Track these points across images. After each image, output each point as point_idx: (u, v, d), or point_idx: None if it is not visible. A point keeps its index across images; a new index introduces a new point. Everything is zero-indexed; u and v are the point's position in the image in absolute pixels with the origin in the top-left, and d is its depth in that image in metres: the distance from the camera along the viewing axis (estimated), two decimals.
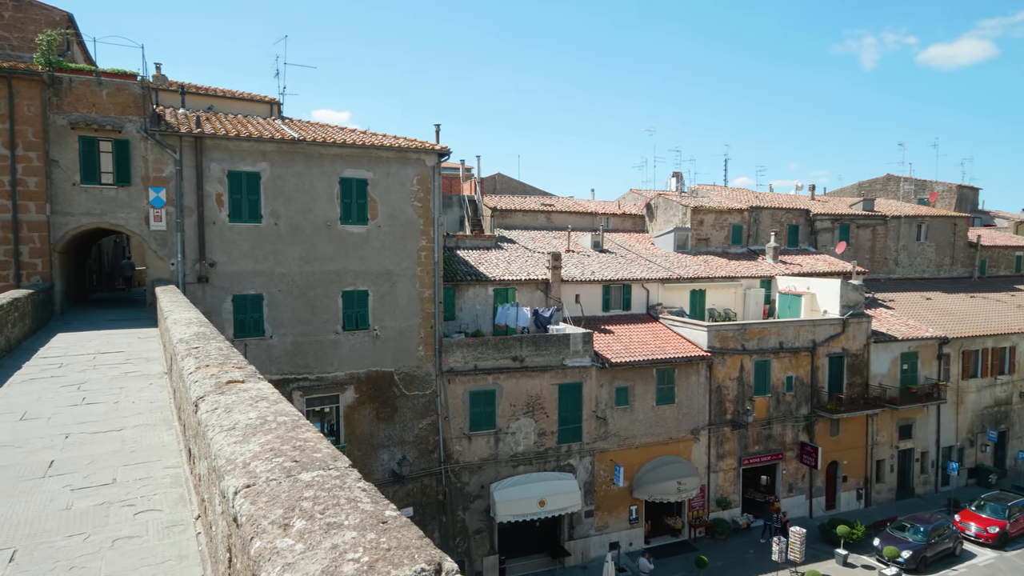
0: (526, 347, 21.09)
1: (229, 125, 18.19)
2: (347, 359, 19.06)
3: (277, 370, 18.08)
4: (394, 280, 19.50)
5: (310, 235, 18.39)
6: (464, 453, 20.73)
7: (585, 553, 22.44)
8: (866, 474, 27.84)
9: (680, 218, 31.71)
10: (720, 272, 28.56)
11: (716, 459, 24.67)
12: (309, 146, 18.02)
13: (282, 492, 1.74)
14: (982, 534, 23.95)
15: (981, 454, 30.93)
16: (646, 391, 23.10)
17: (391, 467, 19.77)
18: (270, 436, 2.32)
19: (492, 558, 21.19)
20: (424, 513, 20.18)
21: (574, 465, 22.11)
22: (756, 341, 24.96)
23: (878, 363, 27.52)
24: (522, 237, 28.90)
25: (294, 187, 18.12)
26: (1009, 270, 41.25)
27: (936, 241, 38.01)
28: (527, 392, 21.29)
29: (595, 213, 32.88)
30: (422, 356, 19.99)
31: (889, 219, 36.44)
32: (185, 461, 4.42)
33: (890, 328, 28.39)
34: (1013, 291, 37.49)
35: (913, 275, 37.20)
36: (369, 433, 19.48)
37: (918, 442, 28.95)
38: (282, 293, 18.18)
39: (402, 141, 19.56)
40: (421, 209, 19.69)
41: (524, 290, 23.87)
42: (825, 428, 26.54)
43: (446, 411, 20.42)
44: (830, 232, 34.91)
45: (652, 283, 26.55)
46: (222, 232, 17.47)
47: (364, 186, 18.90)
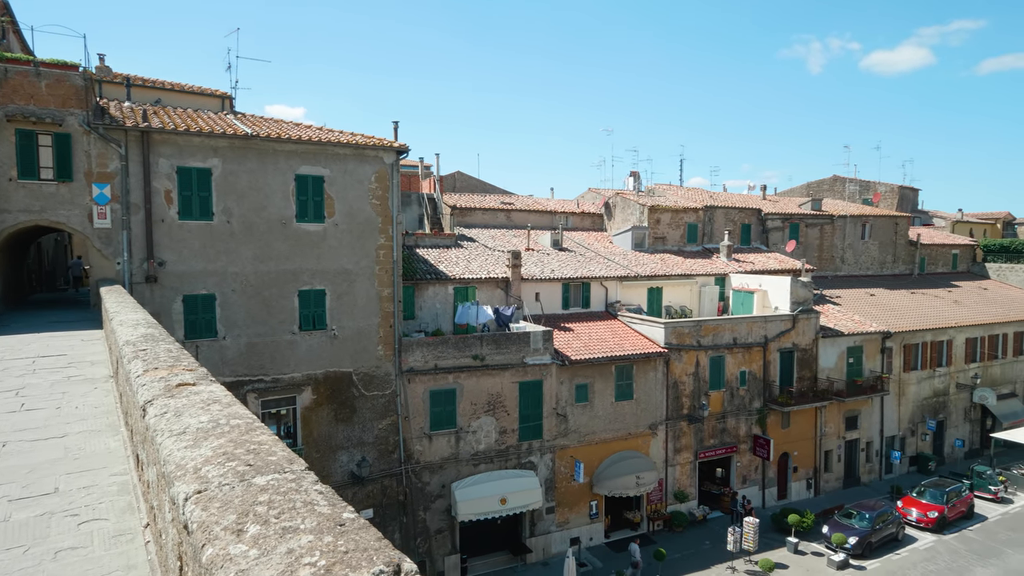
0: (487, 346, 21.09)
1: (178, 119, 17.59)
2: (304, 360, 18.69)
3: (231, 372, 17.60)
4: (352, 279, 19.21)
5: (265, 233, 17.95)
6: (425, 453, 20.61)
7: (546, 549, 22.60)
8: (815, 464, 28.88)
9: (637, 217, 32.21)
10: (676, 270, 29.14)
11: (673, 453, 25.18)
12: (263, 142, 17.58)
13: (235, 497, 1.70)
14: (922, 519, 25.14)
15: (921, 443, 32.45)
16: (605, 388, 23.40)
17: (350, 469, 19.50)
18: (223, 440, 2.27)
19: (453, 557, 21.13)
20: (384, 514, 19.97)
21: (535, 462, 22.23)
22: (711, 337, 25.57)
23: (826, 357, 28.57)
24: (482, 235, 28.87)
25: (247, 184, 17.65)
26: (946, 267, 43.38)
27: (879, 240, 39.66)
28: (488, 390, 21.30)
29: (554, 212, 33.10)
30: (381, 356, 19.77)
31: (836, 219, 37.84)
32: (133, 468, 4.26)
33: (837, 323, 29.50)
34: (950, 287, 39.44)
35: (858, 272, 38.74)
36: (327, 435, 19.16)
37: (863, 432, 30.17)
38: (236, 293, 17.70)
39: (359, 138, 19.27)
40: (379, 207, 19.45)
41: (484, 289, 23.86)
42: (777, 421, 27.40)
43: (406, 411, 20.24)
44: (781, 231, 36.02)
45: (611, 281, 26.90)
46: (171, 230, 16.89)
47: (320, 183, 18.56)
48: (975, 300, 37.42)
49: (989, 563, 22.56)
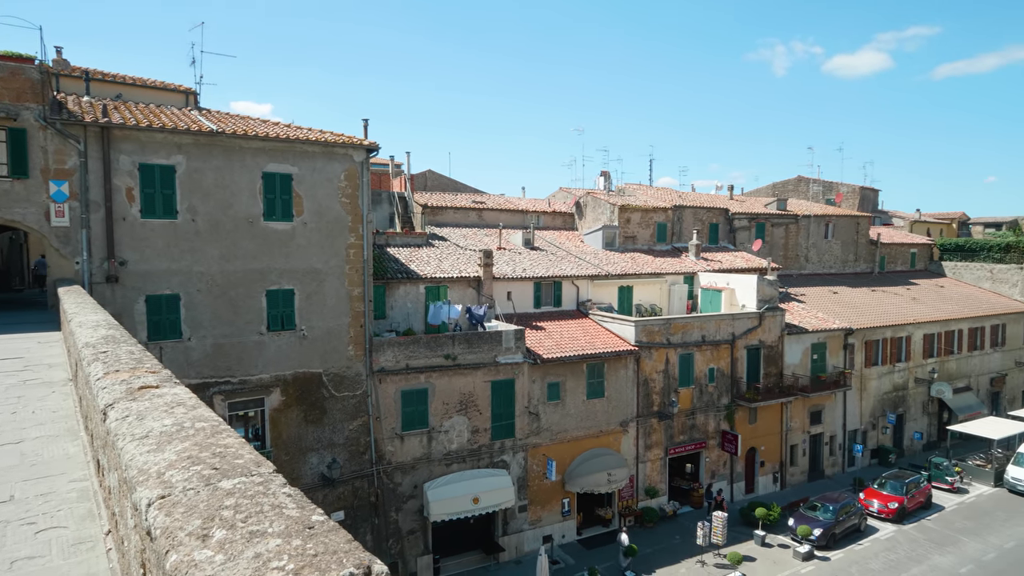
0: (459, 345, 21.03)
1: (140, 115, 17.13)
2: (272, 360, 18.38)
3: (196, 374, 17.21)
4: (322, 278, 18.96)
5: (231, 232, 17.59)
6: (396, 453, 20.46)
7: (519, 548, 22.66)
8: (781, 458, 29.53)
9: (608, 216, 32.48)
10: (646, 269, 29.47)
11: (644, 450, 25.48)
12: (229, 139, 17.22)
13: (200, 502, 1.67)
14: (883, 510, 25.91)
15: (882, 436, 33.45)
16: (577, 386, 23.55)
17: (320, 471, 19.25)
18: (187, 443, 2.22)
19: (426, 558, 21.04)
20: (356, 516, 19.77)
21: (507, 461, 22.26)
22: (680, 335, 25.94)
23: (791, 354, 29.23)
24: (453, 235, 28.78)
25: (213, 182, 17.27)
26: (905, 265, 44.77)
27: (842, 239, 40.73)
28: (460, 390, 21.25)
29: (526, 211, 33.17)
30: (352, 356, 19.56)
31: (800, 218, 38.73)
32: (93, 473, 4.14)
33: (801, 321, 30.20)
34: (908, 285, 40.73)
35: (822, 271, 39.72)
36: (297, 436, 18.88)
37: (827, 427, 30.97)
38: (201, 293, 17.31)
39: (329, 135, 19.02)
40: (349, 205, 19.24)
41: (456, 288, 23.79)
42: (744, 416, 27.94)
43: (377, 411, 20.07)
44: (747, 230, 36.72)
45: (582, 280, 27.07)
46: (133, 229, 16.44)
47: (289, 181, 18.26)
48: (932, 297, 38.71)
49: (946, 551, 23.37)
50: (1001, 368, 38.71)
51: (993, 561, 22.56)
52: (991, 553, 23.16)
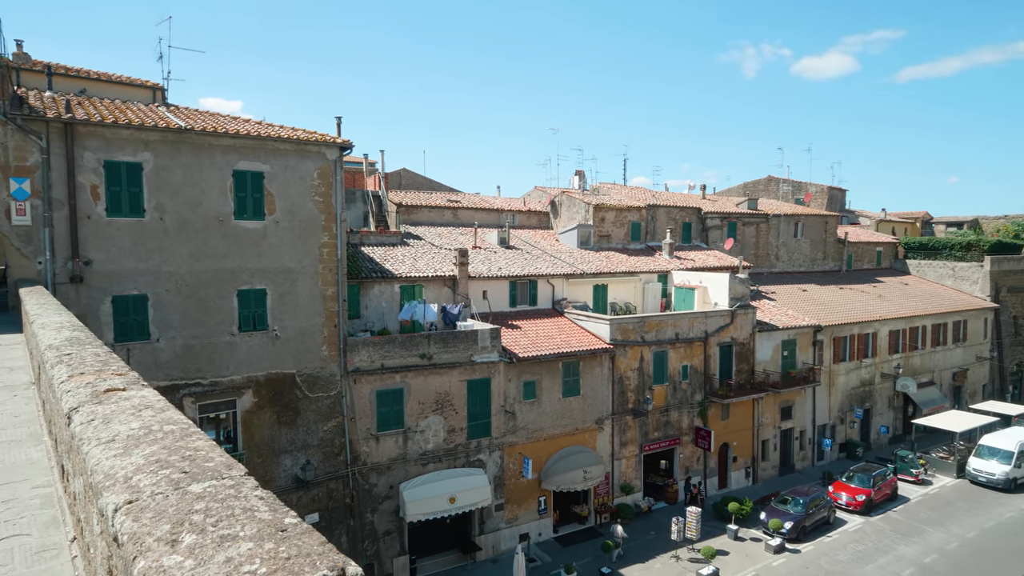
0: (434, 344, 20.95)
1: (105, 111, 16.69)
2: (244, 361, 18.08)
3: (165, 376, 16.86)
4: (294, 278, 18.71)
5: (201, 231, 17.25)
6: (372, 454, 20.31)
7: (496, 546, 22.67)
8: (753, 453, 30.06)
9: (583, 215, 32.66)
10: (621, 268, 29.71)
11: (619, 447, 25.70)
12: (198, 136, 16.88)
13: (169, 506, 1.63)
14: (851, 502, 26.55)
15: (850, 430, 34.25)
16: (553, 384, 23.64)
17: (294, 473, 19.01)
18: (156, 447, 2.17)
19: (402, 559, 20.93)
20: (331, 518, 19.57)
21: (484, 460, 22.25)
22: (655, 333, 26.22)
23: (762, 350, 29.76)
24: (428, 233, 28.65)
25: (182, 179, 16.92)
26: (871, 263, 45.90)
27: (811, 238, 41.58)
28: (436, 389, 21.17)
29: (501, 210, 33.18)
30: (326, 356, 19.34)
31: (771, 217, 39.43)
32: (58, 479, 4.03)
33: (772, 318, 30.76)
34: (875, 283, 41.76)
35: (791, 269, 40.50)
36: (270, 438, 18.61)
37: (797, 422, 31.60)
38: (170, 293, 16.94)
39: (301, 133, 18.78)
40: (322, 204, 19.02)
41: (431, 287, 23.69)
42: (717, 413, 28.36)
43: (352, 412, 19.89)
44: (719, 229, 37.26)
45: (557, 279, 27.18)
46: (99, 227, 16.02)
47: (260, 179, 17.98)
48: (897, 295, 39.75)
49: (912, 541, 24.04)
50: (963, 363, 39.94)
51: (956, 550, 23.27)
52: (954, 543, 23.89)
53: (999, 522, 25.72)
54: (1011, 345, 42.58)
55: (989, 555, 22.88)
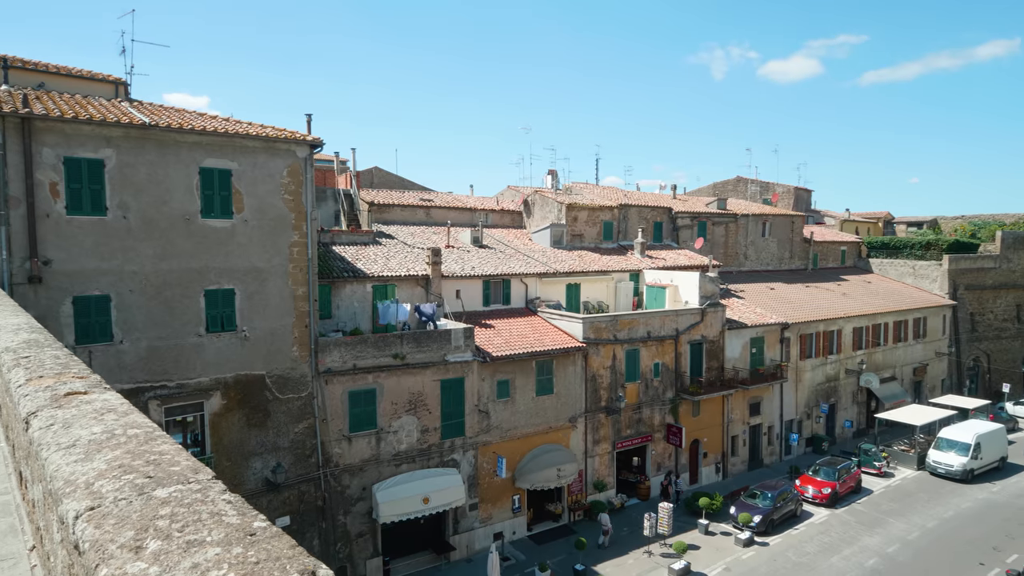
0: (407, 344, 20.82)
1: (65, 105, 16.18)
2: (212, 363, 17.72)
3: (130, 378, 16.42)
4: (264, 278, 18.40)
5: (166, 230, 16.85)
6: (344, 455, 20.09)
7: (470, 546, 22.65)
8: (723, 449, 30.57)
9: (556, 215, 32.80)
10: (593, 267, 29.92)
11: (592, 444, 25.89)
12: (163, 132, 16.48)
13: (133, 512, 1.59)
14: (817, 495, 27.19)
15: (816, 425, 35.08)
16: (526, 383, 23.70)
17: (265, 475, 18.70)
18: (119, 451, 2.12)
19: (376, 560, 20.76)
20: (302, 521, 19.31)
21: (458, 460, 22.20)
22: (627, 331, 26.47)
23: (731, 348, 30.28)
24: (401, 232, 28.45)
25: (146, 177, 16.50)
26: (836, 262, 47.05)
27: (778, 237, 42.44)
28: (409, 389, 21.05)
29: (474, 209, 33.12)
30: (296, 357, 19.07)
31: (739, 217, 40.13)
32: (15, 486, 3.90)
33: (741, 316, 31.32)
34: (839, 281, 42.82)
35: (759, 268, 41.29)
36: (239, 441, 18.28)
37: (765, 417, 32.24)
38: (134, 293, 16.51)
39: (270, 130, 18.46)
40: (292, 203, 18.73)
41: (404, 286, 23.54)
42: (688, 409, 28.76)
43: (324, 413, 19.65)
44: (690, 229, 37.78)
45: (530, 278, 27.25)
46: (59, 226, 15.53)
47: (228, 177, 17.63)
48: (861, 292, 40.83)
49: (875, 532, 24.73)
50: (923, 358, 41.23)
51: (916, 540, 24.02)
52: (915, 532, 24.65)
53: (957, 512, 26.63)
54: (968, 341, 44.09)
55: (948, 543, 23.67)
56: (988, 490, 29.04)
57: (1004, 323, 46.24)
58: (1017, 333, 46.94)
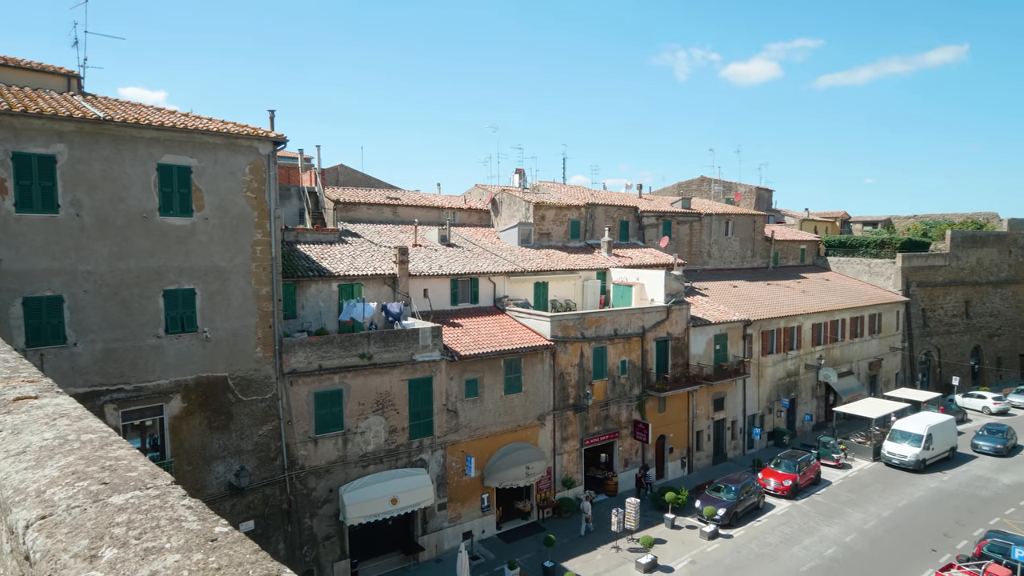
0: (374, 344, 20.62)
1: (13, 99, 15.53)
2: (172, 365, 17.25)
3: (84, 382, 15.87)
4: (226, 277, 17.98)
5: (123, 228, 16.33)
6: (310, 457, 19.79)
7: (439, 546, 22.56)
8: (688, 444, 31.11)
9: (523, 213, 32.87)
10: (561, 265, 30.10)
11: (561, 442, 26.05)
12: (119, 127, 15.96)
13: (87, 520, 1.55)
14: (779, 487, 27.90)
15: (777, 419, 35.97)
16: (495, 381, 23.71)
17: (228, 479, 18.30)
18: (72, 458, 2.05)
19: (343, 563, 20.51)
20: (267, 525, 18.96)
21: (426, 460, 22.09)
22: (594, 329, 26.70)
23: (696, 345, 30.82)
24: (367, 231, 28.14)
25: (100, 173, 15.96)
26: (795, 260, 48.30)
27: (740, 236, 43.36)
28: (376, 389, 20.85)
29: (442, 207, 32.97)
30: (260, 358, 18.70)
31: (703, 216, 40.85)
32: None
33: (705, 313, 31.90)
34: (799, 278, 43.98)
35: (723, 266, 42.12)
36: (201, 445, 17.84)
37: (729, 413, 32.93)
38: (89, 294, 15.96)
39: (231, 126, 18.05)
40: (255, 200, 18.35)
41: (371, 285, 23.29)
42: (654, 406, 29.18)
43: (289, 415, 19.32)
44: (655, 227, 38.31)
45: (498, 276, 27.26)
46: (7, 224, 14.90)
47: (187, 174, 17.17)
48: (819, 290, 42.01)
49: (833, 522, 25.50)
50: (878, 353, 42.65)
51: (873, 529, 24.85)
52: (871, 521, 25.50)
53: (910, 500, 27.64)
54: (920, 336, 45.78)
55: (902, 531, 24.56)
56: (939, 479, 30.23)
57: (953, 318, 48.17)
58: (966, 328, 48.96)
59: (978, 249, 50.27)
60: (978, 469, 31.62)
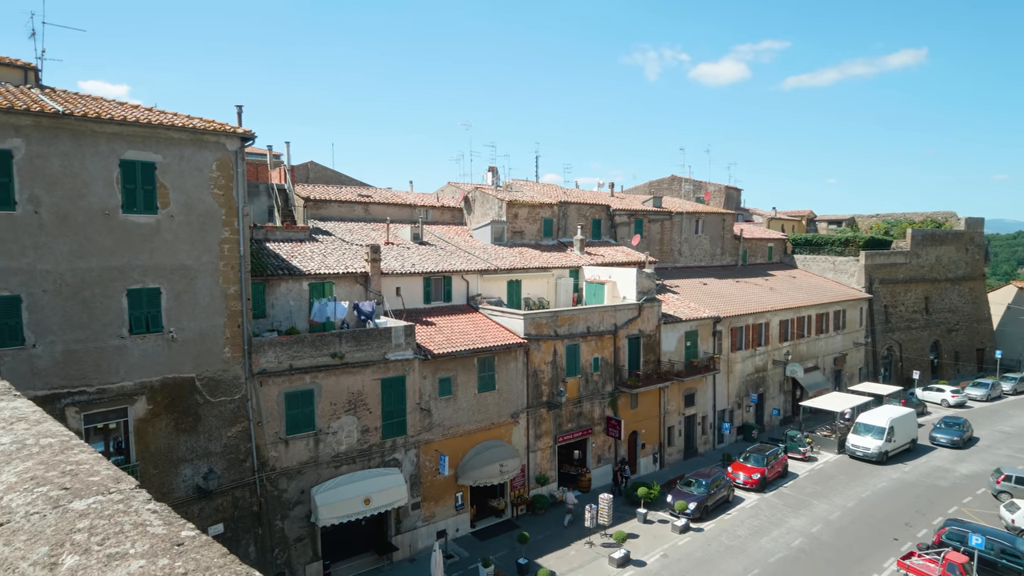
0: (346, 343, 20.40)
1: None
2: (137, 366, 16.82)
3: (44, 384, 15.39)
4: (192, 276, 17.60)
5: (84, 225, 15.86)
6: (281, 459, 19.50)
7: (413, 545, 22.45)
8: (660, 440, 31.51)
9: (496, 211, 32.86)
10: (534, 263, 30.17)
11: (535, 439, 26.14)
12: (79, 122, 15.48)
13: (47, 527, 1.50)
14: (748, 481, 28.44)
15: (746, 414, 36.66)
16: (468, 380, 23.67)
17: (196, 482, 17.92)
18: (31, 463, 1.99)
19: (315, 564, 20.28)
20: (237, 528, 18.64)
21: (399, 459, 21.95)
22: (567, 327, 26.85)
23: (667, 341, 31.22)
24: (338, 229, 27.82)
25: (60, 169, 15.47)
26: (763, 258, 49.24)
27: (710, 234, 44.02)
28: (348, 389, 20.63)
29: (414, 205, 32.75)
30: (229, 358, 18.35)
31: (674, 215, 41.37)
32: None
33: (676, 310, 32.32)
34: (767, 276, 44.84)
35: (693, 264, 42.72)
36: (167, 448, 17.43)
37: (699, 408, 33.44)
38: (48, 294, 15.46)
39: (197, 121, 17.66)
40: (223, 197, 17.99)
41: (342, 284, 23.04)
42: (627, 402, 29.48)
43: (259, 416, 19.01)
44: (627, 226, 38.65)
45: (471, 275, 27.20)
46: None
47: (152, 170, 16.75)
48: (786, 287, 42.90)
49: (800, 514, 26.10)
50: (842, 349, 43.75)
51: (838, 519, 25.51)
52: (836, 512, 26.17)
53: (873, 491, 28.45)
54: (882, 332, 47.10)
55: (866, 521, 25.26)
56: (901, 470, 31.16)
57: (914, 314, 49.67)
58: (925, 324, 50.53)
59: (937, 247, 51.92)
60: (937, 460, 32.68)
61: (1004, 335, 58.01)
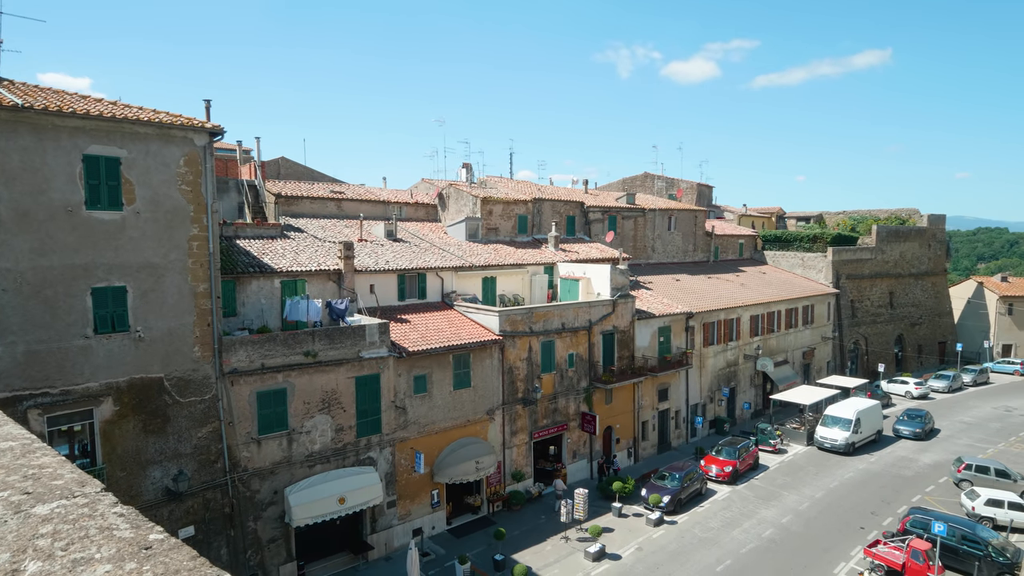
0: (319, 341, 20.17)
1: None
2: (102, 367, 16.39)
3: (4, 386, 14.91)
4: (160, 274, 17.21)
5: (45, 222, 15.39)
6: (253, 459, 19.21)
7: (389, 544, 22.34)
8: (634, 434, 31.84)
9: (471, 208, 32.78)
10: (509, 260, 30.18)
11: (510, 436, 26.20)
12: (39, 115, 15.00)
13: (8, 532, 1.46)
14: (720, 474, 28.92)
15: (718, 408, 37.24)
16: (444, 377, 23.60)
17: (165, 484, 17.56)
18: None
19: (289, 566, 20.04)
20: (208, 530, 18.31)
21: (374, 457, 21.80)
22: (542, 323, 26.94)
23: (641, 337, 31.54)
24: (310, 226, 27.46)
25: (19, 164, 14.97)
26: (734, 255, 50.02)
27: (683, 231, 44.55)
28: (322, 388, 20.41)
29: (388, 202, 32.49)
30: (198, 358, 18.00)
31: (647, 212, 41.76)
32: None
33: (649, 306, 32.67)
34: (737, 272, 45.56)
35: (666, 260, 43.20)
36: (135, 449, 17.04)
37: (672, 403, 33.87)
38: (8, 293, 14.97)
39: (164, 116, 17.24)
40: (191, 194, 17.61)
41: (315, 281, 22.76)
42: (601, 398, 29.71)
43: (230, 416, 18.69)
44: (601, 223, 38.90)
45: (446, 271, 27.11)
46: None
47: (116, 165, 16.31)
48: (757, 283, 43.66)
49: (771, 505, 26.63)
50: (811, 343, 44.72)
51: (807, 510, 26.09)
52: (806, 503, 26.77)
53: (841, 482, 29.17)
54: (849, 326, 48.25)
55: (834, 511, 25.89)
56: (867, 461, 31.99)
57: (879, 309, 50.98)
58: (890, 318, 51.91)
59: (901, 243, 53.35)
60: (901, 450, 33.63)
61: (964, 328, 59.93)
